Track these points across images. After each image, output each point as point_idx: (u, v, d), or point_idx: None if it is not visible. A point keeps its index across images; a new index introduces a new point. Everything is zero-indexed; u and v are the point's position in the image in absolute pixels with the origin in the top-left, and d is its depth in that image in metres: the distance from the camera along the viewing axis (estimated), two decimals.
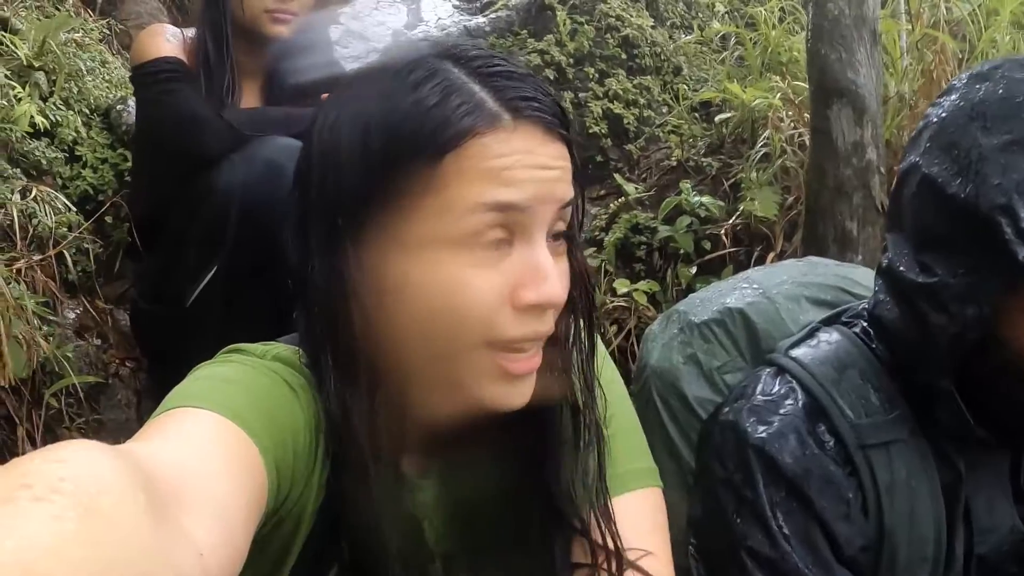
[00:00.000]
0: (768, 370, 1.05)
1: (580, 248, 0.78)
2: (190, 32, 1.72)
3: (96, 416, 1.66)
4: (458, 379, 0.69)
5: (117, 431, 1.67)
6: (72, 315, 1.84)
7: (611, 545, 0.77)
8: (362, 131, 0.68)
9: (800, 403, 0.98)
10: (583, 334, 0.78)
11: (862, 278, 1.25)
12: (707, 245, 2.22)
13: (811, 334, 1.09)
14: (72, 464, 0.40)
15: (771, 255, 2.06)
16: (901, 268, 0.92)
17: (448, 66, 0.68)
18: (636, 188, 2.46)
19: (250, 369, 0.69)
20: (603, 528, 0.77)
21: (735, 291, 1.26)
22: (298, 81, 1.66)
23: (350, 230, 0.68)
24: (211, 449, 0.57)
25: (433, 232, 0.66)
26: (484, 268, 0.67)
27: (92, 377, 1.62)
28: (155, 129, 1.60)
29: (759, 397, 1.01)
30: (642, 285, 2.17)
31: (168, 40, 1.65)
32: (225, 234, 1.45)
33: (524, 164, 0.67)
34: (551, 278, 0.68)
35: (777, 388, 1.02)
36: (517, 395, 0.71)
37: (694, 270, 2.20)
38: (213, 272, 1.45)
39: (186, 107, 1.55)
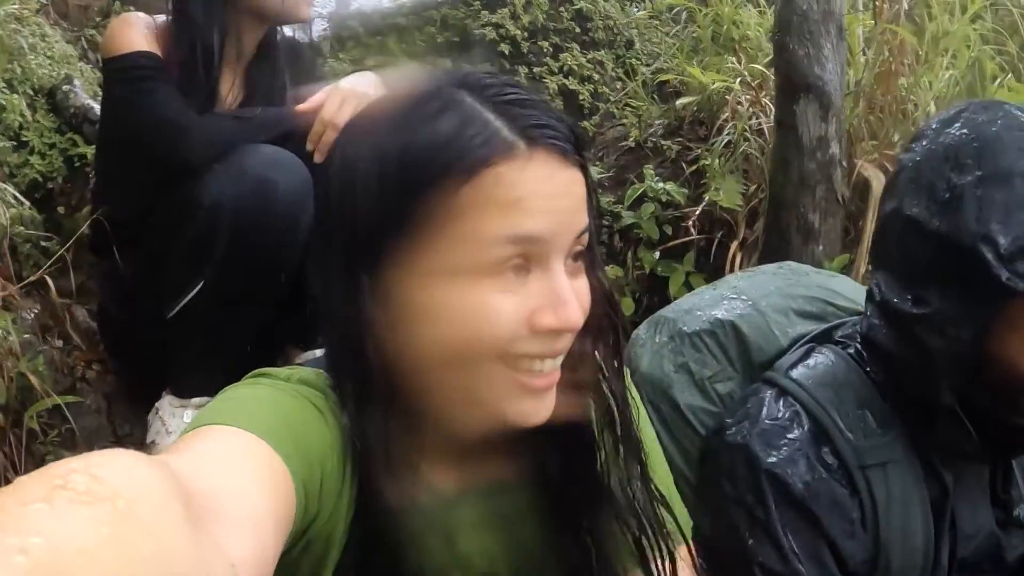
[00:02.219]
0: (770, 391, 1.10)
1: (600, 265, 0.80)
2: (160, 18, 1.61)
3: (68, 426, 1.59)
4: (479, 397, 0.71)
5: (91, 438, 1.62)
6: (30, 316, 1.76)
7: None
8: (378, 163, 0.68)
9: (806, 428, 1.04)
10: (611, 350, 0.79)
11: (842, 288, 1.32)
12: (668, 230, 2.27)
13: (807, 354, 1.15)
14: (109, 469, 0.40)
15: (734, 243, 2.12)
16: (895, 301, 0.99)
17: (463, 96, 0.69)
18: (597, 169, 2.48)
19: (277, 391, 0.70)
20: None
21: (724, 301, 1.31)
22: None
23: (367, 260, 0.69)
24: (242, 464, 0.57)
25: (453, 261, 0.68)
26: (504, 293, 0.68)
27: (72, 397, 1.56)
28: (131, 133, 1.51)
29: (766, 421, 1.06)
30: (607, 271, 2.21)
31: (143, 31, 1.54)
32: (213, 251, 1.40)
33: (541, 193, 0.67)
34: (569, 303, 0.69)
35: (782, 412, 1.07)
36: (538, 411, 0.72)
37: (656, 255, 2.24)
38: (198, 289, 1.40)
39: (165, 111, 1.47)
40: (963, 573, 1.08)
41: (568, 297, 0.69)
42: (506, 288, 0.68)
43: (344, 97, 1.41)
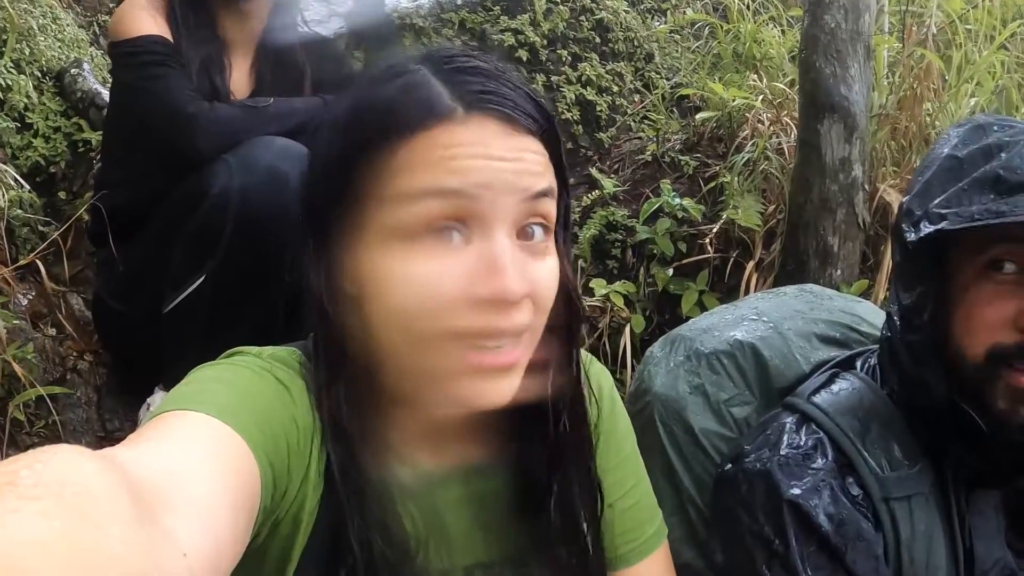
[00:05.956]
0: (791, 417, 1.05)
1: (567, 257, 0.76)
2: None
3: (55, 417, 1.54)
4: (432, 373, 0.68)
5: (78, 432, 1.56)
6: (24, 301, 1.71)
7: None
8: (332, 130, 0.71)
9: (830, 457, 0.99)
10: (564, 349, 0.76)
11: (866, 314, 1.27)
12: (683, 247, 2.22)
13: (831, 379, 1.10)
14: (57, 466, 0.41)
15: (750, 263, 2.07)
16: (888, 309, 1.02)
17: (421, 66, 0.70)
18: (612, 182, 2.43)
19: (242, 368, 0.69)
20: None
21: (744, 322, 1.26)
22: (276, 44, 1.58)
23: (319, 230, 0.70)
24: (196, 449, 0.57)
25: (388, 224, 0.66)
26: (437, 259, 0.66)
27: (59, 388, 1.50)
28: (139, 120, 1.46)
29: (788, 449, 1.01)
30: (619, 287, 2.15)
31: (152, 15, 1.49)
32: (217, 242, 1.35)
33: (472, 154, 0.66)
34: (505, 272, 0.65)
35: (805, 439, 1.02)
36: (494, 391, 0.68)
37: (670, 272, 2.19)
38: (200, 281, 1.34)
39: (175, 99, 1.42)
40: None
41: (503, 265, 0.65)
42: (438, 254, 0.66)
43: None
